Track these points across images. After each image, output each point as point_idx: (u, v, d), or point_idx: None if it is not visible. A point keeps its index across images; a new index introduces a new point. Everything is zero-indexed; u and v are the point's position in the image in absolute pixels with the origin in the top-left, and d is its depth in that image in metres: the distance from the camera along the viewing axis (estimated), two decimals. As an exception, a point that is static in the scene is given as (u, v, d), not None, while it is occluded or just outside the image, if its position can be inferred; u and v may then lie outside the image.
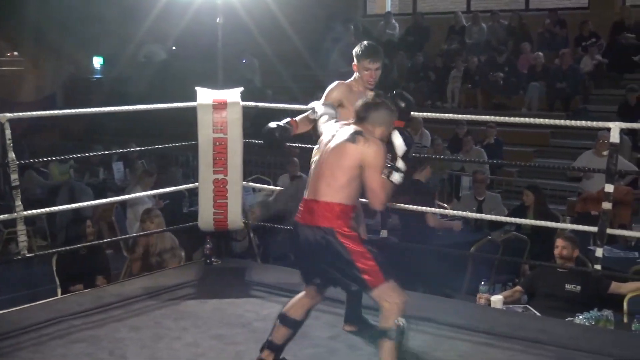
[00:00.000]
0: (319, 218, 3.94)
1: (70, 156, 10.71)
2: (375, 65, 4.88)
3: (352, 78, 5.02)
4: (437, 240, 8.08)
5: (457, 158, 11.48)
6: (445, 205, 9.26)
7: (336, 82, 5.01)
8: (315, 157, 4.34)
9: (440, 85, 14.67)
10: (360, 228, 4.66)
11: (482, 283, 6.10)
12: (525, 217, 7.93)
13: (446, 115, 8.17)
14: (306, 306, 4.26)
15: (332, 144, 4.03)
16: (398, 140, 4.07)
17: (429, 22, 16.28)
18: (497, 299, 5.76)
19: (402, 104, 4.57)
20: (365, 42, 4.98)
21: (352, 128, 4.03)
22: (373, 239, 6.71)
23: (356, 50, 4.91)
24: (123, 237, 8.53)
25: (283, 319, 4.25)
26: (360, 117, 4.07)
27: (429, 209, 6.86)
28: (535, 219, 7.77)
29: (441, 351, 4.74)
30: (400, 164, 4.04)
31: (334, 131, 4.12)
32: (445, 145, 11.98)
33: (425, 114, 7.77)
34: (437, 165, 11.18)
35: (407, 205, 6.22)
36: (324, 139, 4.18)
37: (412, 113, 4.89)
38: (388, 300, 3.88)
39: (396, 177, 4.03)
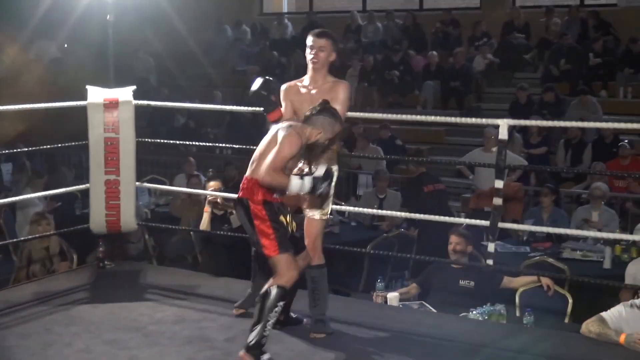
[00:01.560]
0: (244, 191, 4.42)
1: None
2: (318, 43, 4.74)
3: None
4: (334, 238, 8.12)
5: (355, 154, 11.57)
6: (342, 203, 9.30)
7: (283, 86, 4.93)
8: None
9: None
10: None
11: (379, 280, 6.14)
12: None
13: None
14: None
15: (270, 137, 4.45)
16: (321, 170, 4.36)
17: (325, 21, 16.35)
18: (393, 296, 5.81)
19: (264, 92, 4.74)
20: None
21: (288, 123, 4.48)
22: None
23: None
24: (12, 240, 8.23)
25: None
26: (305, 118, 4.46)
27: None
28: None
29: (335, 349, 4.74)
30: (307, 180, 4.32)
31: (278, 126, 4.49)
32: (342, 143, 12.02)
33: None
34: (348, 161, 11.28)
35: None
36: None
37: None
38: (279, 266, 4.36)
39: (295, 182, 4.31)
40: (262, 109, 4.93)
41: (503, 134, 5.09)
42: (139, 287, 5.91)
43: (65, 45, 16.16)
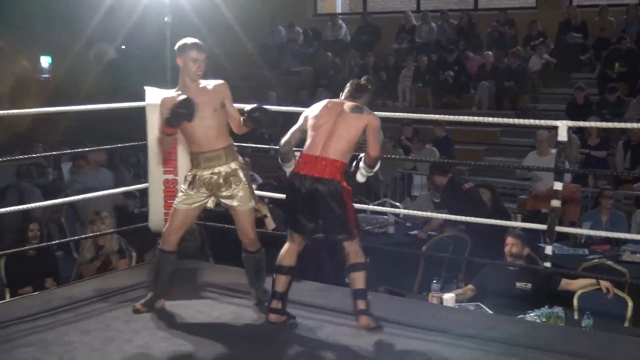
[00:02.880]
0: (329, 172, 4.66)
1: (17, 157, 10.48)
2: (201, 56, 5.07)
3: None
4: (388, 238, 8.11)
5: (409, 157, 11.52)
6: (398, 204, 9.29)
7: (161, 100, 5.18)
8: (314, 122, 4.87)
9: (391, 84, 14.72)
10: None
11: (434, 281, 6.12)
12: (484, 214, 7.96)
13: (397, 114, 8.20)
14: (295, 252, 4.98)
15: (343, 116, 4.78)
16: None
17: (379, 22, 16.35)
18: (449, 297, 5.79)
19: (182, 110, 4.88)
20: (186, 38, 5.13)
21: (351, 103, 4.86)
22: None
23: (180, 44, 5.09)
24: (72, 238, 8.39)
25: (280, 269, 4.95)
26: (355, 96, 4.94)
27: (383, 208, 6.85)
28: (492, 216, 7.81)
29: (393, 350, 4.74)
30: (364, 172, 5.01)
31: (326, 104, 4.93)
32: (393, 145, 12.00)
33: (377, 113, 7.76)
34: (389, 163, 11.23)
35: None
36: (326, 104, 4.94)
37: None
38: (355, 245, 4.87)
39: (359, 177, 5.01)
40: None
41: (562, 136, 5.03)
42: (196, 285, 5.97)
43: (123, 47, 16.41)
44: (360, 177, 5.00)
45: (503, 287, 6.08)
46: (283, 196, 5.10)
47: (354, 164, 4.99)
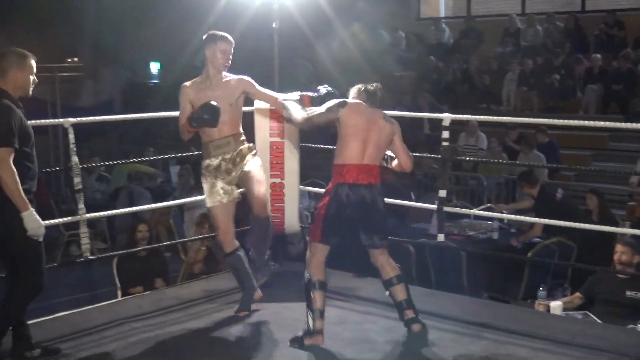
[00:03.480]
0: (371, 177, 4.65)
1: (129, 160, 10.81)
2: (229, 48, 5.19)
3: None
4: (492, 244, 8.00)
5: (516, 162, 11.31)
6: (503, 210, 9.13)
7: (182, 87, 5.29)
8: (350, 120, 4.74)
9: (495, 88, 14.52)
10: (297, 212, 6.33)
11: (541, 289, 6.01)
12: (589, 221, 7.77)
13: (502, 118, 8.09)
14: (324, 266, 4.87)
15: (377, 123, 4.74)
16: None
17: (482, 25, 16.14)
18: (556, 305, 5.68)
19: (206, 116, 4.99)
20: (214, 30, 5.24)
21: (378, 110, 4.86)
22: (431, 243, 6.69)
23: (210, 35, 5.19)
24: (180, 240, 8.59)
25: (322, 286, 4.80)
26: (375, 102, 4.92)
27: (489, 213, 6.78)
28: (599, 223, 7.62)
29: (500, 358, 4.68)
30: None
31: (364, 110, 4.79)
32: (501, 149, 11.83)
33: (480, 117, 7.71)
34: (493, 168, 11.09)
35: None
36: (360, 109, 4.79)
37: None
38: (386, 255, 4.87)
39: None
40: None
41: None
42: (301, 288, 6.02)
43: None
44: None
45: (612, 295, 5.93)
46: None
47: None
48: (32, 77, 4.51)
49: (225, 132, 5.21)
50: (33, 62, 4.52)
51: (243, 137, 5.35)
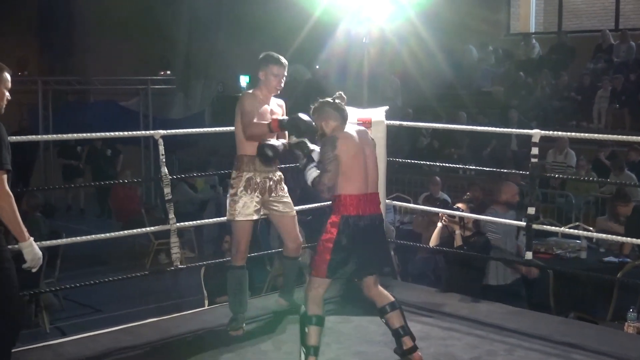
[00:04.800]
0: (377, 207, 4.59)
1: (218, 172, 11.02)
2: (283, 72, 5.15)
3: (249, 91, 5.25)
4: (581, 263, 7.82)
5: (607, 180, 11.04)
6: (591, 228, 8.93)
7: (247, 93, 5.22)
8: (348, 155, 4.49)
9: (585, 105, 14.22)
10: None
11: (631, 310, 5.85)
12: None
13: (593, 135, 7.90)
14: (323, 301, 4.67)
15: (368, 147, 4.62)
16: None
17: (574, 41, 15.86)
18: (647, 327, 5.52)
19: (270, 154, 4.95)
20: (270, 52, 5.20)
21: (359, 128, 4.75)
22: (519, 261, 6.59)
23: (263, 56, 5.18)
24: (265, 252, 8.66)
25: (319, 321, 4.58)
26: (346, 118, 4.72)
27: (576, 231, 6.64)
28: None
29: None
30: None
31: (355, 131, 4.62)
32: (590, 167, 11.58)
33: (570, 133, 7.57)
34: (582, 186, 10.86)
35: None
36: (352, 138, 4.53)
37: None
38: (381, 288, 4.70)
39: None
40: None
41: None
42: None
43: (317, 67, 16.85)
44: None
45: None
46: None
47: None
48: (6, 92, 3.95)
49: None
50: (8, 75, 3.97)
51: None
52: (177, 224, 5.67)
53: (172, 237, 5.65)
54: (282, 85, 5.19)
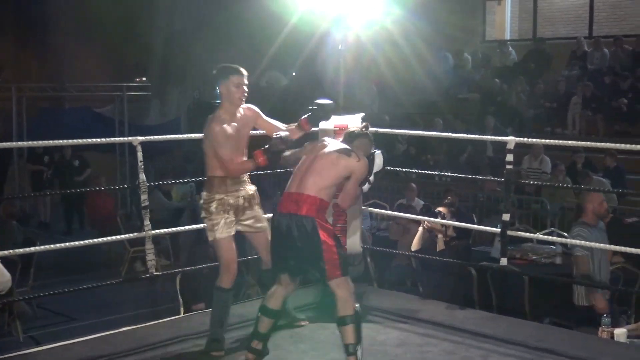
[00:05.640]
0: (304, 208, 4.46)
1: (195, 179, 10.98)
2: (244, 81, 4.96)
3: (216, 112, 4.98)
4: (555, 269, 7.88)
5: (582, 187, 11.10)
6: (565, 234, 9.00)
7: (215, 119, 4.94)
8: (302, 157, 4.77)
9: (560, 111, 14.34)
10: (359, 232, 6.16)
11: (605, 315, 5.90)
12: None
13: (567, 142, 7.98)
14: (282, 296, 4.75)
15: (325, 152, 4.64)
16: (379, 160, 4.98)
17: (549, 48, 15.98)
18: (620, 332, 5.55)
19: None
20: (226, 64, 5.02)
21: (344, 145, 4.76)
22: (493, 267, 6.62)
23: (221, 68, 4.98)
24: (245, 258, 8.64)
25: (265, 311, 4.72)
26: (350, 140, 4.87)
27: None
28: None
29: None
30: (372, 178, 4.94)
31: (327, 142, 4.78)
32: (565, 173, 11.65)
33: (545, 140, 7.64)
34: (558, 193, 10.94)
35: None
36: (315, 145, 4.78)
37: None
38: (342, 290, 4.52)
39: (365, 187, 4.99)
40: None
41: None
42: (362, 309, 6.00)
43: (293, 74, 16.85)
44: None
45: (681, 324, 5.78)
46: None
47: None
48: None
49: None
50: None
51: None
52: (152, 231, 5.66)
53: (147, 244, 5.65)
54: (246, 95, 4.98)
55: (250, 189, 5.13)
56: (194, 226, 7.22)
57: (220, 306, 5.06)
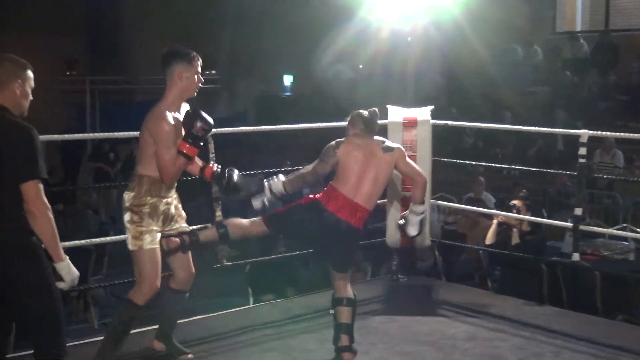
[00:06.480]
0: (359, 220, 4.49)
1: (263, 171, 11.03)
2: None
3: (161, 103, 4.22)
4: (627, 265, 7.71)
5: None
6: (638, 229, 8.80)
7: (163, 112, 4.17)
8: (352, 162, 4.52)
9: (633, 104, 13.98)
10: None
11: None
12: None
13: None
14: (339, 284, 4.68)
15: (370, 155, 4.55)
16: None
17: (620, 40, 15.57)
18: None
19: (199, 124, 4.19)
20: (179, 47, 4.34)
21: (375, 140, 4.66)
22: (565, 262, 6.49)
23: (184, 52, 4.26)
24: (310, 250, 8.67)
25: (350, 302, 4.68)
26: (373, 130, 4.69)
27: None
28: None
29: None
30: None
31: (360, 144, 4.60)
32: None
33: (618, 134, 7.46)
34: (631, 188, 10.70)
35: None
36: (359, 147, 4.57)
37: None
38: (343, 281, 4.63)
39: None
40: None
41: None
42: (431, 302, 6.00)
43: (360, 67, 16.80)
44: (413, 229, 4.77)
45: None
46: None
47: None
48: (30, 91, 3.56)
49: None
50: (31, 74, 3.58)
51: None
52: (224, 222, 5.68)
53: (218, 235, 5.66)
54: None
55: (175, 195, 4.50)
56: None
57: (124, 322, 4.39)
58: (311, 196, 4.66)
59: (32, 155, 3.31)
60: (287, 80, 19.40)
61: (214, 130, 5.14)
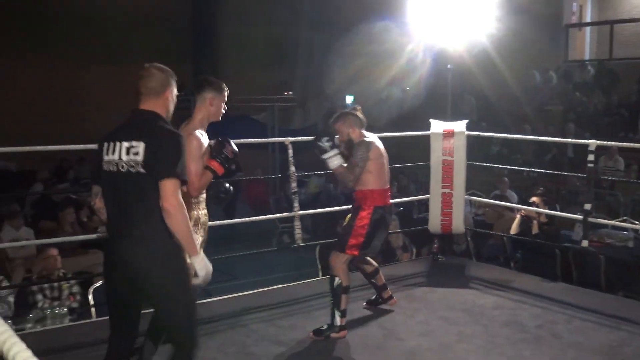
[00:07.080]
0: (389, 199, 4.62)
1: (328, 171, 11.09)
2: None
3: (192, 123, 3.70)
4: (626, 251, 7.49)
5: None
6: (636, 222, 8.56)
7: (192, 137, 3.58)
8: (377, 157, 4.51)
9: (632, 119, 13.60)
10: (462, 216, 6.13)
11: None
12: None
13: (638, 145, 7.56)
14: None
15: (383, 149, 4.60)
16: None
17: (619, 67, 15.17)
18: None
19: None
20: (217, 80, 3.82)
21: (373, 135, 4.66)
22: (576, 248, 6.36)
23: (213, 81, 3.78)
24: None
25: (348, 290, 4.60)
26: (364, 125, 4.64)
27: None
28: None
29: (637, 346, 4.38)
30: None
31: (376, 138, 4.63)
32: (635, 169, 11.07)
33: (620, 143, 7.29)
34: (630, 187, 10.42)
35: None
36: (378, 143, 4.56)
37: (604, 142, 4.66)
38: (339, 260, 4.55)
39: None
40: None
41: None
42: (464, 278, 5.94)
43: (407, 89, 16.69)
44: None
45: None
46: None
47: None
48: (173, 99, 3.23)
49: None
50: (174, 82, 3.28)
51: None
52: (300, 212, 5.74)
53: (295, 221, 5.73)
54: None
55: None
56: (330, 209, 7.29)
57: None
58: (365, 211, 4.47)
59: (175, 157, 2.95)
60: (349, 99, 19.39)
61: (291, 138, 5.24)
